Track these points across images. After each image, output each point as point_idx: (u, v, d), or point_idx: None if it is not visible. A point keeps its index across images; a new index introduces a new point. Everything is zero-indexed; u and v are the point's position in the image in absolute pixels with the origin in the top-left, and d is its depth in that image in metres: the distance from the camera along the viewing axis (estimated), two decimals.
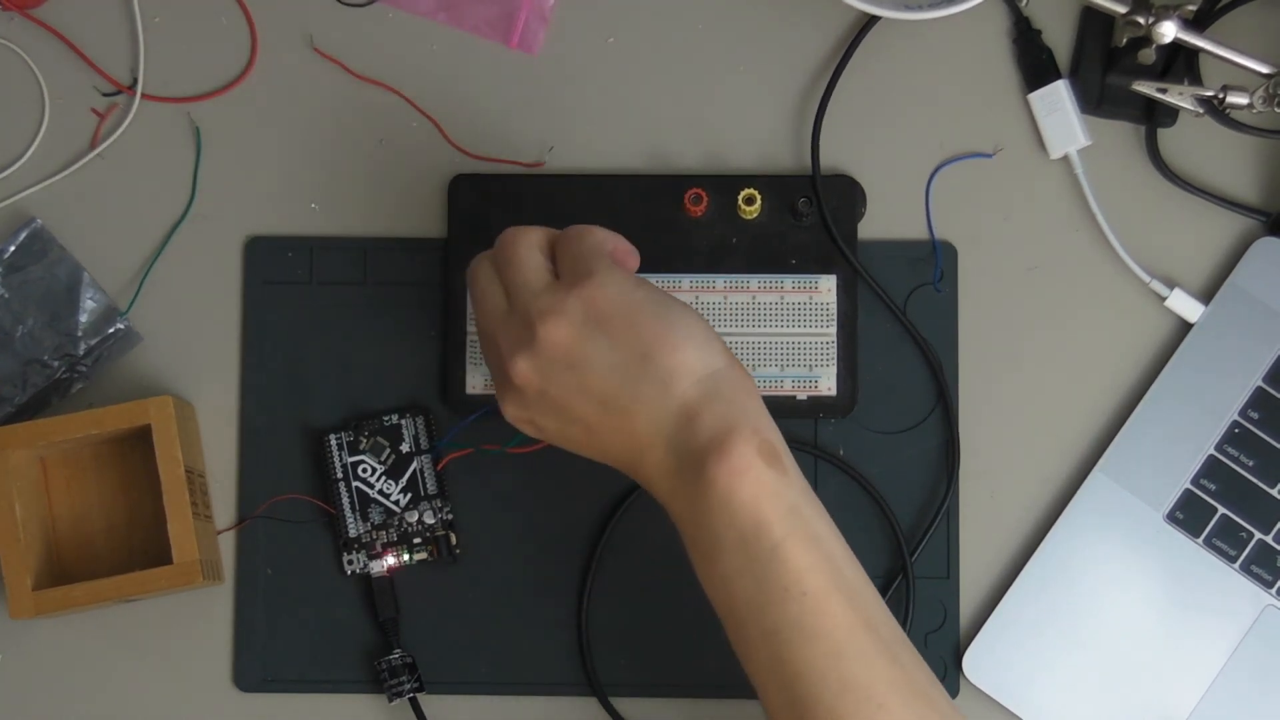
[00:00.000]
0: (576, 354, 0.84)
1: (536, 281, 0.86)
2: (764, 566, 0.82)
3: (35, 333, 0.99)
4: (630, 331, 0.84)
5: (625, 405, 0.84)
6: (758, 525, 0.82)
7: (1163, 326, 0.99)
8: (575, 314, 0.84)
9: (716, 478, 0.82)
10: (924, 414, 0.99)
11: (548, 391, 0.85)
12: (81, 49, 1.01)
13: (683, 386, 0.84)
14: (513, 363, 0.85)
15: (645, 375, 0.84)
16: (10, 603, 0.94)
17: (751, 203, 0.98)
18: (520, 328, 0.86)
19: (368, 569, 0.98)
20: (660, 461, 0.84)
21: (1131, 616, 0.97)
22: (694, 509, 0.83)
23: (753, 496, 0.82)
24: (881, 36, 1.00)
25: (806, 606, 0.82)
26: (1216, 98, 0.97)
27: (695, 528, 0.83)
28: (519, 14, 1.01)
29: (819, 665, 0.81)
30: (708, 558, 0.83)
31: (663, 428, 0.84)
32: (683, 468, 0.83)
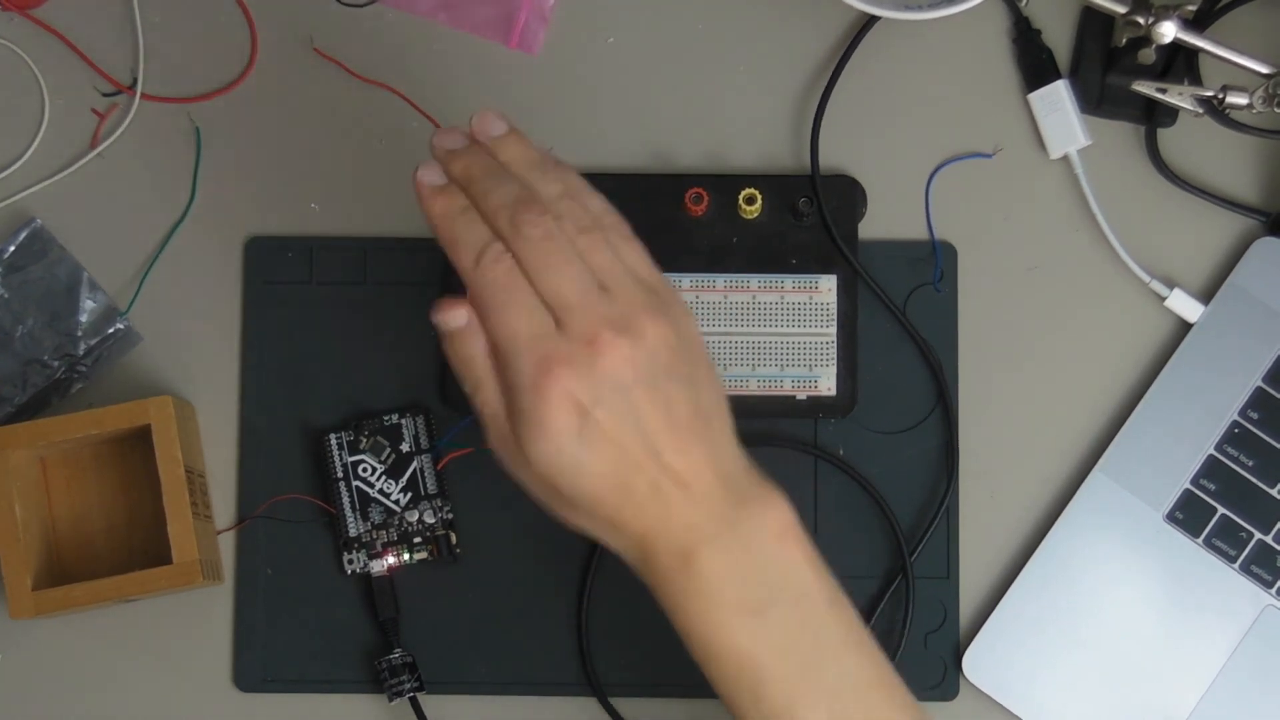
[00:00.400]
0: (672, 364, 0.81)
1: (641, 275, 0.83)
2: (824, 619, 0.81)
3: (35, 333, 0.99)
4: (708, 374, 0.83)
5: (696, 431, 0.81)
6: (813, 580, 0.82)
7: (1162, 326, 0.99)
8: (674, 327, 0.82)
9: (775, 530, 0.81)
10: (924, 414, 0.99)
11: (633, 397, 0.80)
12: (81, 49, 1.01)
13: (736, 442, 0.83)
14: (611, 343, 0.79)
15: (715, 417, 0.83)
16: (10, 603, 0.94)
17: (752, 202, 0.98)
18: (617, 312, 0.81)
19: (368, 568, 0.98)
20: (716, 497, 0.81)
21: (1131, 616, 0.97)
22: (747, 557, 0.81)
23: (807, 554, 0.82)
24: (881, 36, 1.01)
25: (864, 659, 0.82)
26: (1216, 98, 0.97)
27: (740, 581, 0.80)
28: (519, 14, 1.01)
29: (882, 712, 0.82)
30: (756, 611, 0.81)
31: (725, 464, 0.82)
32: (739, 510, 0.81)
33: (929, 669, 0.97)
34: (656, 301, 0.82)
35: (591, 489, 0.81)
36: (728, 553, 0.81)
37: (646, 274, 0.83)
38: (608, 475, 0.80)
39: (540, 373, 0.79)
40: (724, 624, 0.81)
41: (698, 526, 0.81)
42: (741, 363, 0.98)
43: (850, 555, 0.98)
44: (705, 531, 0.81)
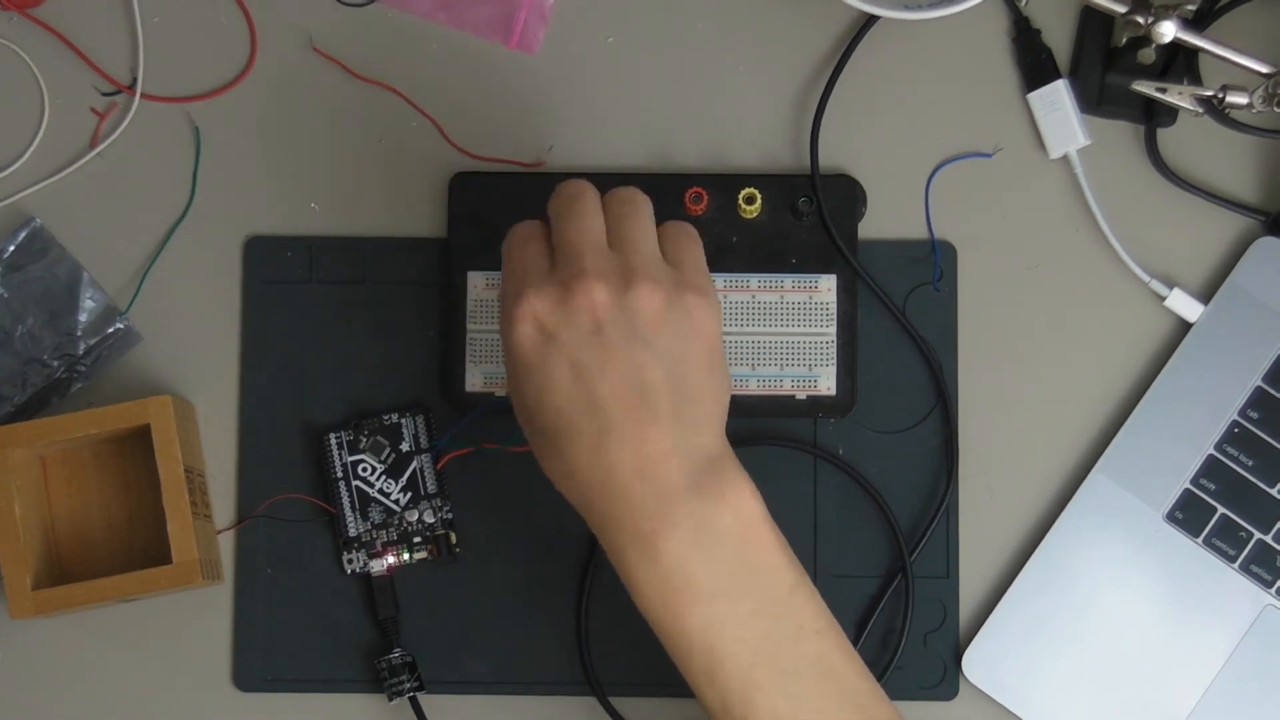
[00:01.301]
0: (655, 332, 0.83)
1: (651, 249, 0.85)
2: (782, 607, 0.82)
3: (35, 332, 0.99)
4: (704, 359, 0.84)
5: (658, 408, 0.82)
6: (773, 568, 0.83)
7: (1162, 326, 0.99)
8: (676, 305, 0.83)
9: (734, 518, 0.82)
10: (923, 414, 0.99)
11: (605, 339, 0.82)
12: (81, 49, 1.01)
13: (715, 429, 0.84)
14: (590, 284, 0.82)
15: (693, 401, 0.83)
16: (10, 603, 0.94)
17: (752, 202, 0.98)
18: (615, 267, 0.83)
19: (368, 568, 0.98)
20: (669, 479, 0.82)
21: (1131, 616, 0.97)
22: (700, 543, 0.81)
23: (771, 541, 0.83)
24: (881, 36, 1.01)
25: (823, 645, 0.83)
26: (1216, 97, 0.97)
27: (696, 566, 0.81)
28: (519, 14, 1.01)
29: (838, 701, 0.82)
30: (708, 598, 0.81)
31: (685, 451, 0.82)
32: (697, 498, 0.82)
33: (929, 669, 0.97)
34: (667, 279, 0.84)
35: (544, 420, 0.83)
36: (684, 539, 0.81)
37: (687, 265, 0.85)
38: (558, 409, 0.82)
39: (519, 292, 0.84)
40: (679, 607, 0.81)
41: (652, 505, 0.81)
42: (741, 362, 0.98)
43: (850, 555, 0.98)
44: (662, 513, 0.81)
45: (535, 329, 0.83)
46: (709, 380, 0.84)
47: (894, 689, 0.97)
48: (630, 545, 0.82)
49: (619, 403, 0.82)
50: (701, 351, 0.84)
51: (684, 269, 0.85)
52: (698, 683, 0.82)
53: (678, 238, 0.86)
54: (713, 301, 0.85)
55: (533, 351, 0.83)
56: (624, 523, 0.82)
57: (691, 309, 0.84)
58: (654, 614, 0.82)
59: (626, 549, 0.82)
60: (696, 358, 0.84)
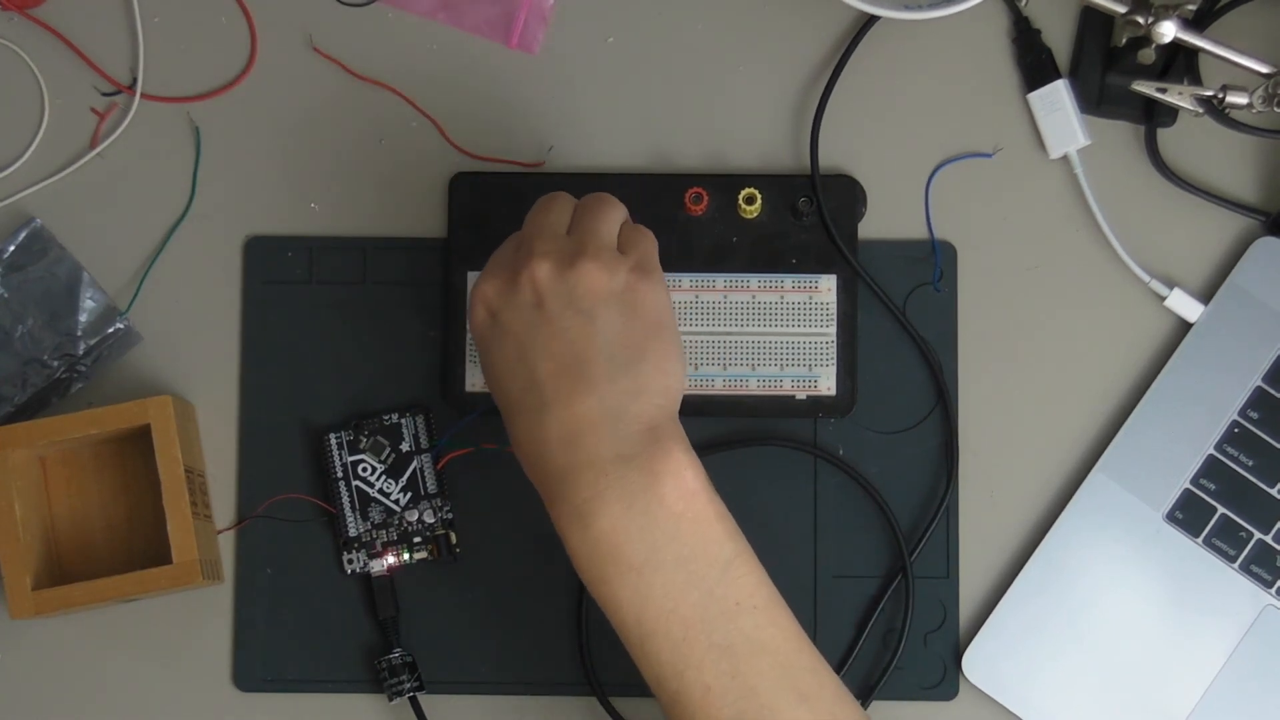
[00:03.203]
0: (593, 304, 0.84)
1: (605, 236, 0.87)
2: (715, 581, 0.82)
3: (35, 332, 0.99)
4: (644, 332, 0.85)
5: (593, 378, 0.83)
6: (708, 542, 0.83)
7: (1162, 326, 0.99)
8: (618, 280, 0.85)
9: (667, 490, 0.82)
10: (923, 414, 0.99)
11: (545, 313, 0.84)
12: (81, 49, 1.01)
13: (655, 402, 0.84)
14: (535, 262, 0.85)
15: (628, 370, 0.84)
16: (10, 603, 0.94)
17: (752, 202, 0.98)
18: (565, 248, 0.86)
19: (368, 568, 0.98)
20: (597, 449, 0.82)
21: (1131, 616, 0.97)
22: (630, 515, 0.82)
23: (705, 514, 0.83)
24: (881, 36, 1.01)
25: (758, 620, 0.83)
26: (1216, 97, 0.97)
27: (625, 536, 0.82)
28: (519, 14, 1.01)
29: (774, 676, 0.82)
30: (639, 569, 0.82)
31: (616, 420, 0.83)
32: (627, 469, 0.82)
33: (929, 669, 0.97)
34: (614, 259, 0.85)
35: (499, 393, 0.86)
36: (615, 509, 0.82)
37: (639, 253, 0.87)
38: (506, 382, 0.86)
39: (478, 282, 0.87)
40: (611, 578, 0.82)
41: (583, 479, 0.82)
42: (741, 362, 0.98)
43: (850, 555, 0.98)
44: (592, 486, 0.82)
45: (485, 311, 0.86)
46: (650, 352, 0.85)
47: (894, 689, 0.97)
48: (565, 516, 0.83)
49: (553, 375, 0.84)
50: (642, 324, 0.85)
51: (632, 255, 0.87)
52: (634, 654, 0.83)
53: (633, 234, 0.88)
54: (658, 283, 0.86)
55: (484, 332, 0.87)
56: (560, 494, 0.83)
57: (634, 285, 0.85)
58: (590, 585, 0.83)
59: (562, 519, 0.83)
60: (636, 329, 0.85)
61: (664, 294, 0.86)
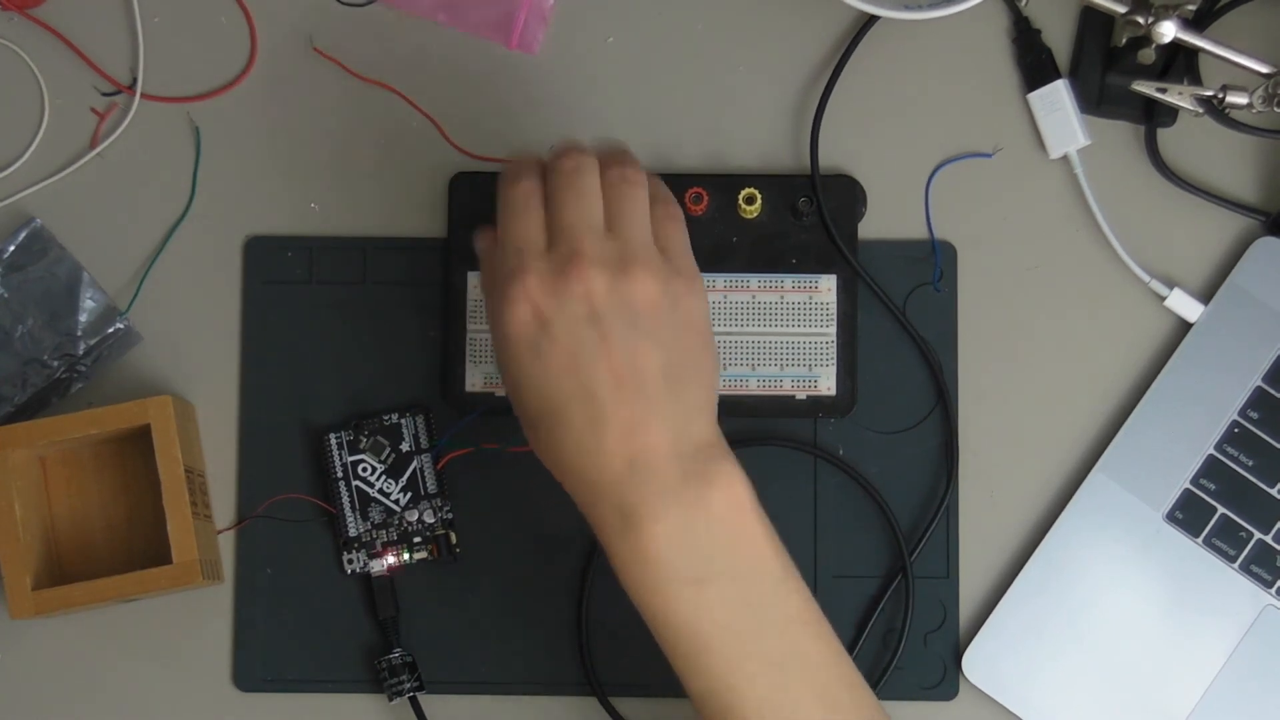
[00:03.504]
0: (652, 323, 0.83)
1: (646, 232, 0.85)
2: (769, 597, 0.83)
3: (35, 332, 0.99)
4: (697, 347, 0.85)
5: (653, 396, 0.82)
6: (762, 558, 0.83)
7: (1162, 326, 0.99)
8: (670, 292, 0.84)
9: (724, 506, 0.82)
10: (923, 414, 0.99)
11: (603, 328, 0.82)
12: (81, 49, 1.01)
13: (706, 418, 0.84)
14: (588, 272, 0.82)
15: (686, 387, 0.84)
16: (10, 603, 0.94)
17: (752, 202, 0.98)
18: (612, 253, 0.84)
19: (368, 568, 0.98)
20: (657, 463, 0.82)
21: (1131, 616, 0.97)
22: (690, 530, 0.82)
23: (759, 532, 0.83)
24: (881, 36, 1.01)
25: (810, 636, 0.83)
26: (1216, 97, 0.97)
27: (683, 549, 0.82)
28: (519, 14, 1.01)
29: (820, 694, 0.83)
30: (697, 583, 0.82)
31: (677, 438, 0.83)
32: (686, 485, 0.82)
33: (929, 669, 0.97)
34: (662, 267, 0.84)
35: (533, 404, 0.83)
36: (673, 524, 0.81)
37: (674, 250, 0.86)
38: (548, 394, 0.83)
39: (515, 272, 0.84)
40: (666, 592, 0.82)
41: (643, 493, 0.82)
42: (741, 362, 0.98)
43: (850, 555, 0.98)
44: (651, 501, 0.82)
45: (531, 313, 0.83)
46: (701, 368, 0.85)
47: (894, 689, 0.97)
48: (620, 531, 0.82)
49: (613, 390, 0.82)
50: (695, 339, 0.85)
51: (673, 255, 0.86)
52: (683, 668, 0.83)
53: (665, 221, 0.87)
54: (701, 288, 0.86)
55: (527, 336, 0.83)
56: (614, 509, 0.82)
57: (683, 296, 0.84)
58: (643, 599, 0.82)
59: (616, 534, 0.82)
60: (690, 346, 0.84)
61: (705, 299, 0.86)
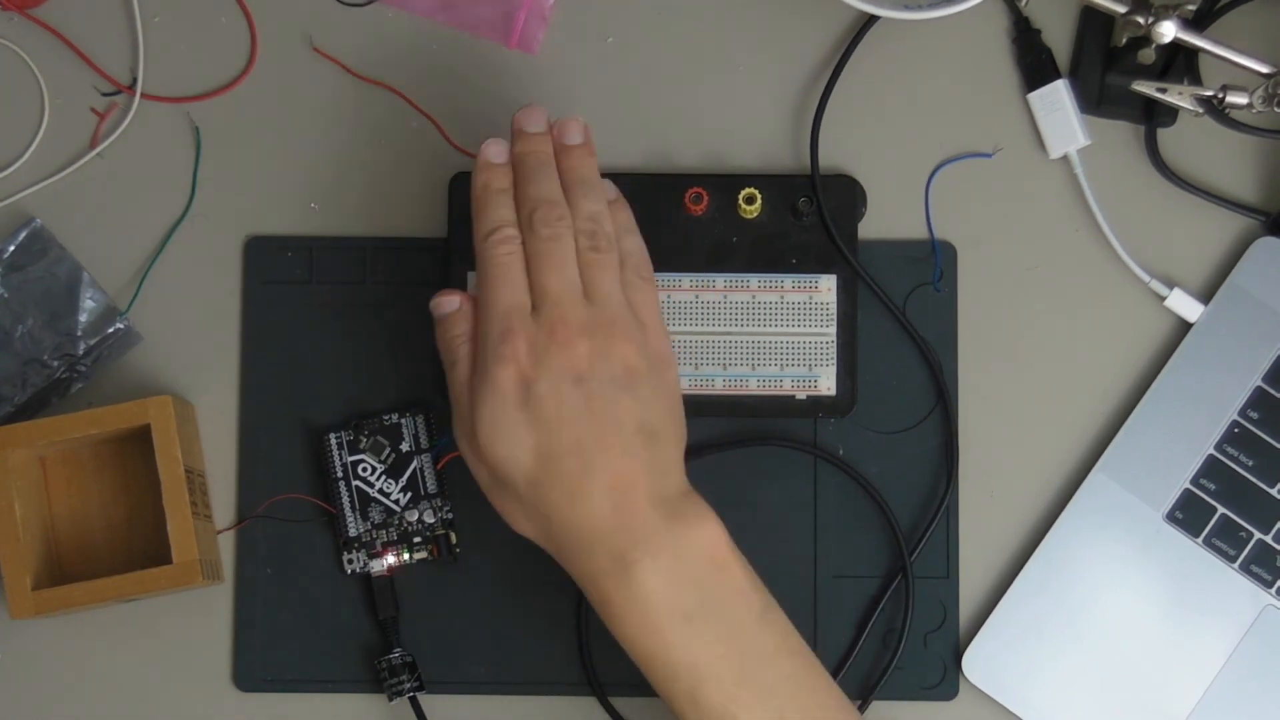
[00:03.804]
0: (632, 382, 0.87)
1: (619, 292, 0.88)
2: (757, 628, 0.86)
3: (35, 332, 0.99)
4: (669, 394, 0.89)
5: (635, 448, 0.86)
6: (745, 591, 0.86)
7: (1162, 326, 0.99)
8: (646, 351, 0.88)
9: (707, 546, 0.86)
10: (923, 414, 0.99)
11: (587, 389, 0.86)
12: (81, 49, 1.01)
13: (681, 472, 0.88)
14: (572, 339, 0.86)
15: (665, 434, 0.88)
16: (10, 603, 0.94)
17: (751, 202, 0.98)
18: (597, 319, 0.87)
19: (368, 568, 0.98)
20: (644, 509, 0.85)
21: (1131, 616, 0.97)
22: (679, 568, 0.85)
23: (741, 569, 0.86)
24: (881, 36, 1.01)
25: (795, 664, 0.86)
26: (1216, 97, 0.97)
27: (677, 587, 0.85)
28: (519, 14, 1.01)
29: (812, 713, 0.86)
30: (689, 619, 0.85)
31: (661, 485, 0.86)
32: (674, 526, 0.85)
33: (929, 669, 0.97)
34: (638, 333, 0.88)
35: (523, 462, 0.86)
36: (664, 565, 0.85)
37: (647, 316, 0.89)
38: (538, 452, 0.86)
39: (501, 339, 0.86)
40: (661, 631, 0.85)
41: (633, 536, 0.85)
42: (741, 362, 0.98)
43: (850, 555, 0.98)
44: (641, 542, 0.85)
45: (517, 375, 0.86)
46: (674, 426, 0.89)
47: (894, 689, 0.97)
48: (609, 575, 0.85)
49: (599, 441, 0.85)
50: (669, 400, 0.88)
51: (644, 319, 0.89)
52: (680, 705, 0.85)
53: (635, 287, 0.89)
54: (672, 355, 0.90)
55: (516, 394, 0.86)
56: (607, 554, 0.85)
57: (656, 359, 0.88)
58: (636, 639, 0.85)
59: (611, 580, 0.85)
60: (665, 406, 0.88)
61: (674, 363, 0.90)
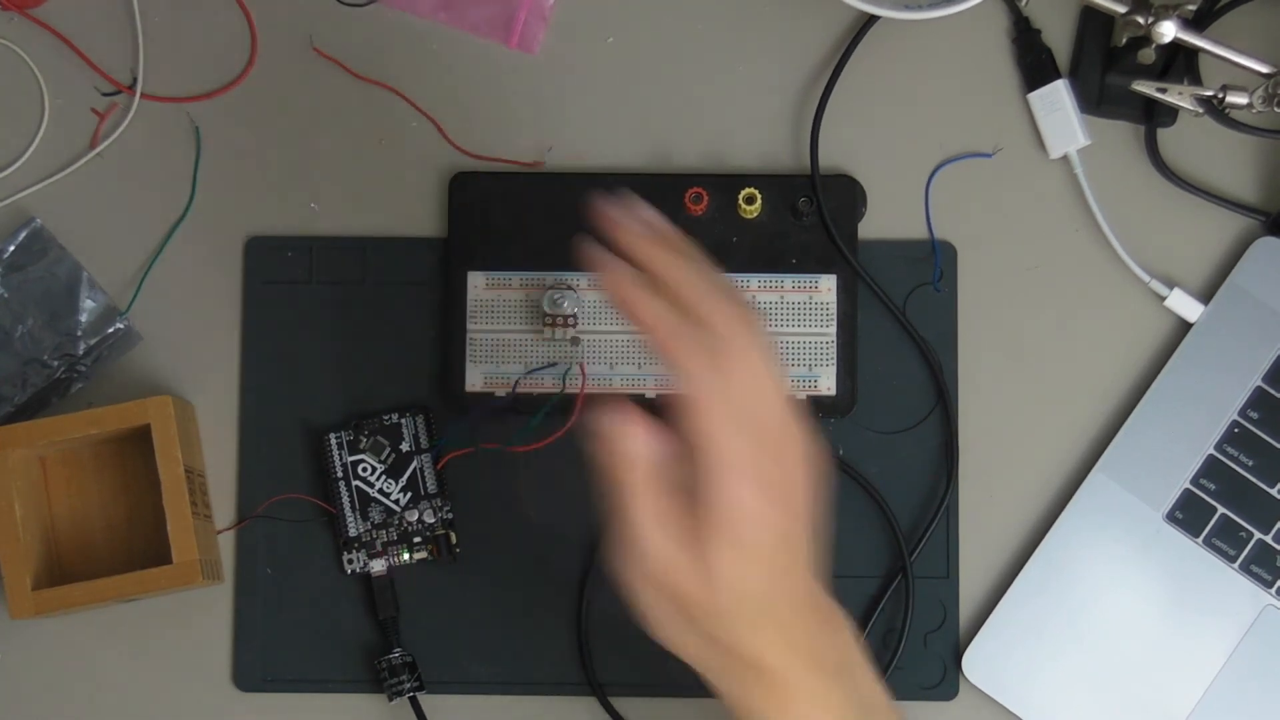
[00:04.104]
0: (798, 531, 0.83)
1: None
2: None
3: (35, 332, 0.99)
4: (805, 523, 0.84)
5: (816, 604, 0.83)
6: (881, 695, 0.84)
7: (1162, 326, 0.99)
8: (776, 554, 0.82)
9: (854, 660, 0.84)
10: (923, 414, 0.99)
11: (777, 536, 0.81)
12: (81, 49, 1.01)
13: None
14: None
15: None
16: (10, 603, 0.94)
17: (752, 202, 0.98)
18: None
19: (368, 568, 0.98)
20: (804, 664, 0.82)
21: (1131, 616, 0.97)
22: (841, 697, 0.82)
23: (874, 673, 0.85)
24: (881, 36, 1.01)
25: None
26: (1216, 97, 0.97)
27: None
28: (519, 14, 1.01)
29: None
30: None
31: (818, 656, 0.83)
32: (827, 656, 0.83)
33: (929, 669, 0.97)
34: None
35: (752, 597, 0.81)
36: (828, 700, 0.82)
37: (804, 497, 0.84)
38: (762, 589, 0.81)
39: (738, 475, 0.79)
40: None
41: (799, 684, 0.81)
42: None
43: (850, 555, 0.98)
44: (802, 687, 0.81)
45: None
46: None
47: (894, 689, 0.97)
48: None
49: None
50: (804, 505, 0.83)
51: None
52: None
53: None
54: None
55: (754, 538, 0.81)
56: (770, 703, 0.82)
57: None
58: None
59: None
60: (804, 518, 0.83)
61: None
